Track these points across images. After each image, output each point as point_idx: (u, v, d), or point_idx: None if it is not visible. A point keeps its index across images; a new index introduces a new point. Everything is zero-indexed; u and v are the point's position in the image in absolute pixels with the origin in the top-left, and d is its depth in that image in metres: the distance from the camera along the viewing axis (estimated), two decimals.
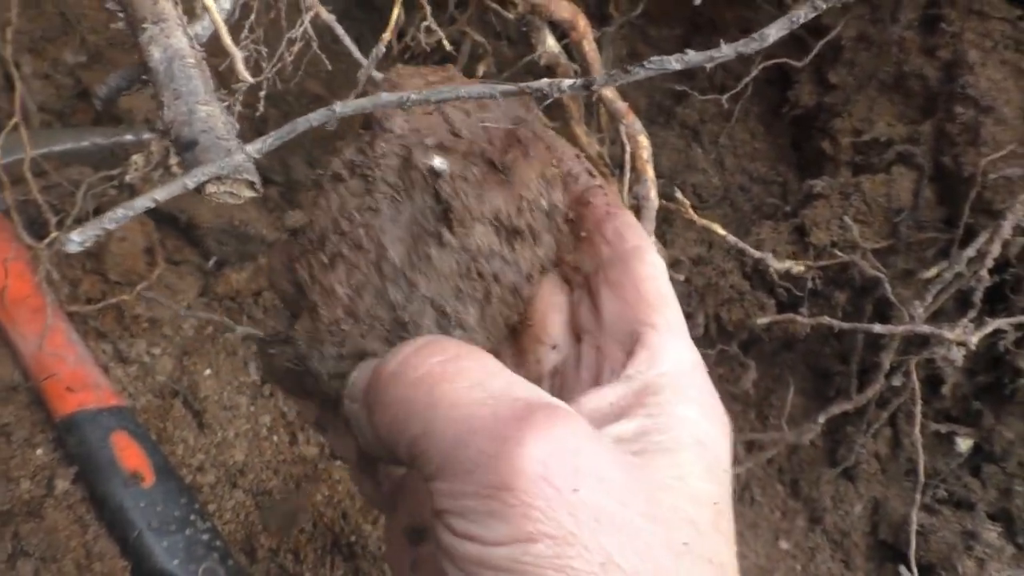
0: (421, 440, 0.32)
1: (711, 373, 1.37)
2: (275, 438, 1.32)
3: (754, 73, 1.28)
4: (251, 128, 1.54)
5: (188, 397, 1.29)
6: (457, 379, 0.33)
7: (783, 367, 1.47)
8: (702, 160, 1.48)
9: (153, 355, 1.31)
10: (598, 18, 1.55)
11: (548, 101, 0.57)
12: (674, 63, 0.54)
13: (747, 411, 1.47)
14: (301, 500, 1.27)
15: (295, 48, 0.85)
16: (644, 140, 1.05)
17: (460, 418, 0.31)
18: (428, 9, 0.98)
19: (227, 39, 0.65)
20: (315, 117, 0.60)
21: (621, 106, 1.07)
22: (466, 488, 0.30)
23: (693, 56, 0.54)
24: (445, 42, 1.00)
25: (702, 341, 1.37)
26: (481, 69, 1.24)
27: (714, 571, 0.32)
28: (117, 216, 0.64)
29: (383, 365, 0.36)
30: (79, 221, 1.20)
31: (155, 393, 1.28)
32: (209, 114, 0.69)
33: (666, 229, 1.40)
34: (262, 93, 0.96)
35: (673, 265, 1.36)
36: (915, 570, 1.14)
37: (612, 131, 1.15)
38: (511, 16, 1.08)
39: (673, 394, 0.36)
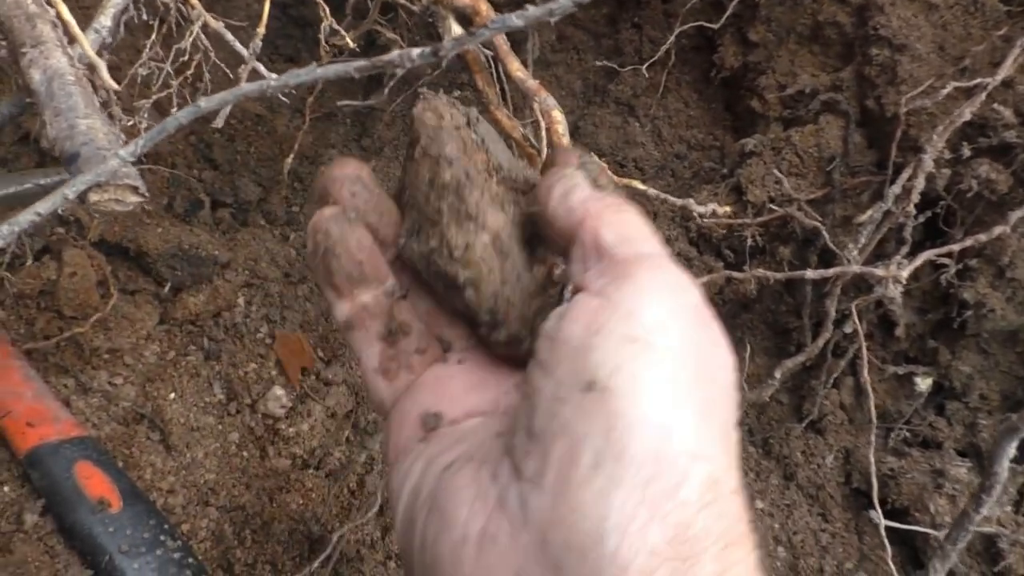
0: None
1: None
2: (245, 454, 1.33)
3: (671, 39, 1.28)
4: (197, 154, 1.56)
5: (154, 422, 1.31)
6: None
7: (743, 329, 1.48)
8: (639, 134, 1.48)
9: (115, 384, 1.32)
10: (521, 5, 1.56)
11: (402, 72, 0.59)
12: (516, 20, 0.56)
13: None
14: (275, 511, 1.28)
15: (191, 59, 0.87)
16: (558, 115, 1.06)
17: None
18: (327, 9, 1.00)
19: (91, 52, 0.66)
20: (183, 115, 0.62)
21: (532, 84, 1.08)
22: None
23: (533, 11, 0.55)
24: (350, 42, 1.02)
25: None
26: None
27: None
28: (3, 233, 0.65)
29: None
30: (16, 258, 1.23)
31: (119, 421, 1.29)
32: (90, 127, 0.71)
33: None
34: (174, 110, 0.97)
35: None
36: (880, 513, 1.14)
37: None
38: (416, 10, 1.09)
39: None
